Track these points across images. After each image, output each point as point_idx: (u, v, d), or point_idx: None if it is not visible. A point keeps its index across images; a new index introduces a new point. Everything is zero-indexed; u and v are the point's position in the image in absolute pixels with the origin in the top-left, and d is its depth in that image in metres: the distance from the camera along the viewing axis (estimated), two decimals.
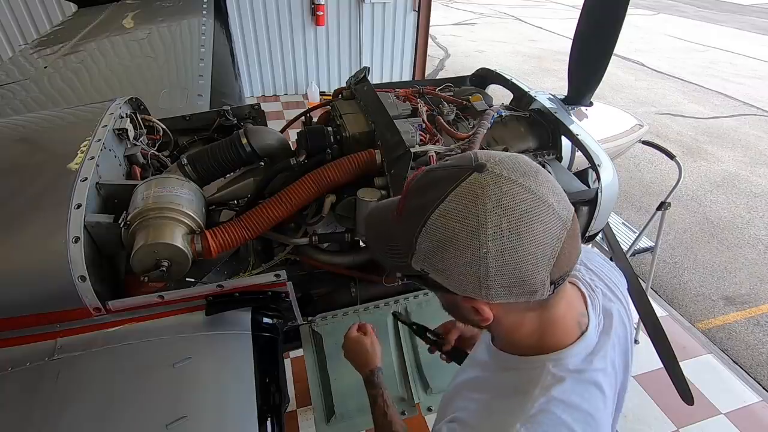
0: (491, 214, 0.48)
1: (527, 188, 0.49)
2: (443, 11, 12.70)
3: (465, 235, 0.49)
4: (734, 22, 13.05)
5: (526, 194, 0.49)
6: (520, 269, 0.49)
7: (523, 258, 0.49)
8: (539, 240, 0.49)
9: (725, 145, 5.60)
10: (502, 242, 0.48)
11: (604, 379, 0.62)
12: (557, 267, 0.51)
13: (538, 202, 0.49)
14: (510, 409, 0.59)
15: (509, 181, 0.49)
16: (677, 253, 3.74)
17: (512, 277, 0.50)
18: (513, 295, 0.52)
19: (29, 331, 1.06)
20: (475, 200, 0.49)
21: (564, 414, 0.57)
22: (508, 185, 0.49)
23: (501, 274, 0.50)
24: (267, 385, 1.06)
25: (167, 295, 1.09)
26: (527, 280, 0.50)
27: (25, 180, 1.18)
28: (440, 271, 0.53)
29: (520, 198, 0.49)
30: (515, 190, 0.49)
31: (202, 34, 2.66)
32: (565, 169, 1.60)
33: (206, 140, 1.69)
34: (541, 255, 0.49)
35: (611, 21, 1.51)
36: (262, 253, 1.43)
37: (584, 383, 0.60)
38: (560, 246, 0.50)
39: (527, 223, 0.48)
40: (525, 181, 0.50)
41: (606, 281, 0.74)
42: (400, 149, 1.23)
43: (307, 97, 6.02)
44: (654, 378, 2.59)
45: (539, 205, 0.49)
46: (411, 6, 5.89)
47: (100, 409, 0.95)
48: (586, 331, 0.63)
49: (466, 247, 0.49)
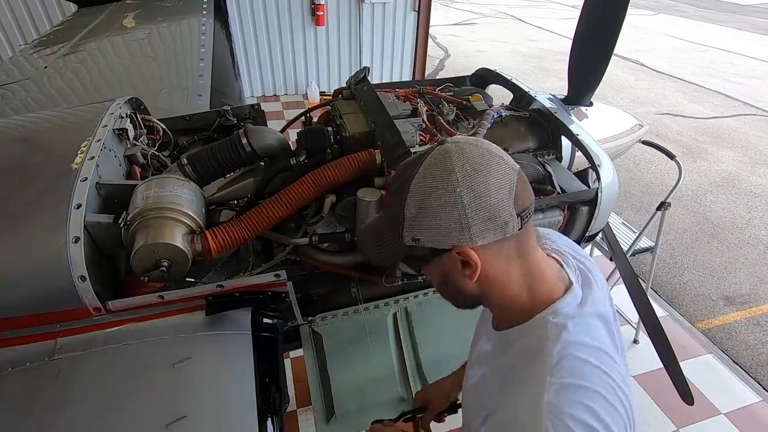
0: (457, 164, 0.60)
1: (481, 147, 0.63)
2: (443, 11, 12.70)
3: (440, 184, 0.61)
4: (734, 22, 13.05)
5: (482, 151, 0.62)
6: (489, 202, 0.60)
7: (489, 191, 0.60)
8: (498, 177, 0.61)
9: (725, 145, 5.60)
10: (470, 181, 0.60)
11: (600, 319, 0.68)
12: (518, 201, 0.62)
13: (491, 155, 0.62)
14: (533, 371, 0.63)
15: (466, 143, 0.63)
16: (677, 253, 3.74)
17: (485, 210, 0.60)
18: (491, 231, 0.61)
19: (29, 331, 1.06)
20: (443, 160, 0.61)
21: (581, 353, 0.62)
22: (466, 146, 0.63)
23: (476, 209, 0.60)
24: (267, 385, 1.07)
25: (167, 295, 1.09)
26: (497, 211, 0.60)
27: (25, 180, 1.18)
28: (428, 228, 0.62)
29: (477, 153, 0.62)
30: (472, 149, 0.62)
31: (202, 34, 2.66)
32: (565, 169, 1.60)
33: (206, 140, 1.69)
34: (502, 189, 0.60)
35: (611, 21, 1.51)
36: (262, 253, 1.43)
37: (584, 324, 0.66)
38: (515, 185, 0.62)
39: (486, 166, 0.61)
40: (479, 144, 0.64)
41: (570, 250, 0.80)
42: (400, 149, 1.23)
43: (307, 97, 6.02)
44: (654, 378, 2.59)
45: (493, 156, 0.62)
46: (411, 6, 5.89)
47: (100, 409, 0.95)
48: (571, 286, 0.70)
49: (443, 193, 0.60)
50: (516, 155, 1.49)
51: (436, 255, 0.64)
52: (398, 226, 0.64)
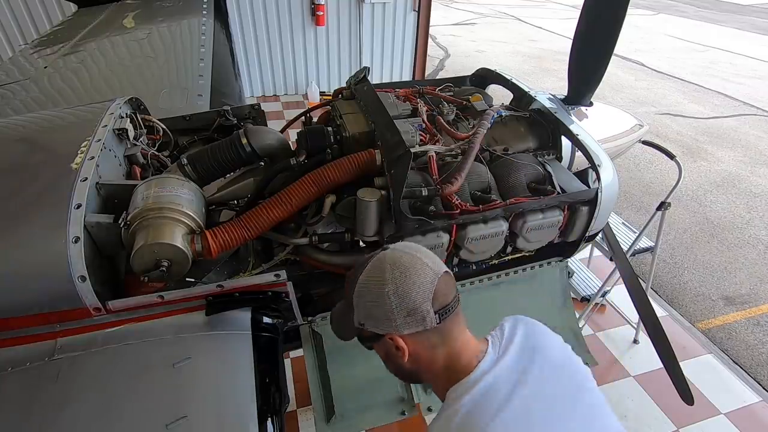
0: (388, 269, 0.77)
1: (409, 254, 0.80)
2: (443, 11, 12.70)
3: (374, 284, 0.78)
4: (734, 22, 13.05)
5: (409, 257, 0.79)
6: (411, 301, 0.76)
7: (411, 292, 0.76)
8: (419, 281, 0.76)
9: (725, 145, 5.60)
10: (395, 284, 0.76)
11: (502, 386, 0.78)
12: (436, 301, 0.77)
13: (415, 260, 0.79)
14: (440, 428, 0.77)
15: (401, 252, 0.81)
16: (677, 253, 3.74)
17: (407, 307, 0.76)
18: (412, 324, 0.77)
19: (29, 331, 1.06)
20: (380, 264, 0.79)
21: (480, 417, 0.74)
22: (400, 254, 0.80)
23: (398, 306, 0.76)
24: (267, 385, 1.07)
25: (167, 295, 1.09)
26: (417, 308, 0.76)
27: (25, 180, 1.18)
28: (367, 317, 0.79)
29: (404, 259, 0.79)
30: (401, 255, 0.80)
31: (202, 34, 2.66)
32: (565, 169, 1.60)
33: (206, 140, 1.69)
34: (422, 291, 0.76)
35: (611, 21, 1.51)
36: (262, 253, 1.43)
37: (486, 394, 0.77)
38: (435, 286, 0.77)
39: (410, 271, 0.77)
40: (413, 253, 0.80)
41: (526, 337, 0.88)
42: (400, 149, 1.23)
43: (307, 97, 6.02)
44: (654, 378, 2.59)
45: (416, 262, 0.78)
46: (411, 6, 5.89)
47: (100, 409, 0.95)
48: (481, 361, 0.81)
49: (376, 292, 0.77)
50: (516, 155, 1.49)
51: (377, 338, 0.81)
52: (351, 312, 0.82)
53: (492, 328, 0.90)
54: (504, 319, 0.92)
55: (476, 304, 1.60)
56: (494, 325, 0.90)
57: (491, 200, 1.34)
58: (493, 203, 1.32)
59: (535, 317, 0.93)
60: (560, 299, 1.72)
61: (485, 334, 0.88)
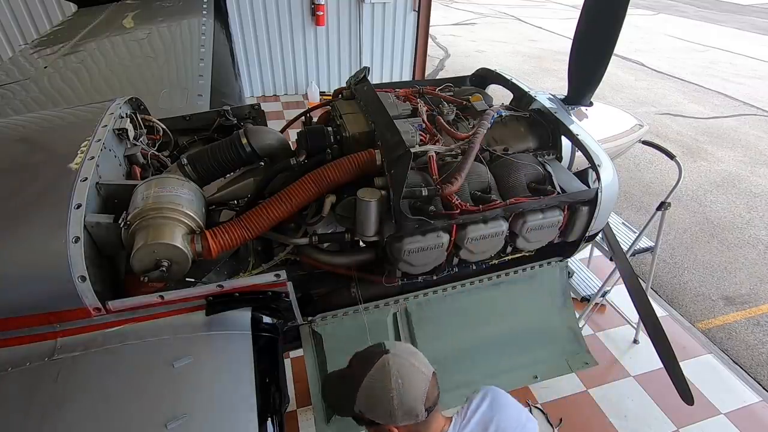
0: (392, 378, 0.94)
1: (409, 362, 0.98)
2: (443, 11, 12.71)
3: (380, 388, 0.95)
4: (734, 22, 13.06)
5: (408, 366, 0.97)
6: (409, 404, 0.94)
7: (410, 398, 0.94)
8: (417, 388, 0.95)
9: (725, 145, 5.60)
10: (399, 391, 0.93)
11: None
12: (427, 401, 0.96)
13: (414, 370, 0.97)
14: None
15: (398, 358, 0.98)
16: (677, 253, 3.74)
17: (405, 409, 0.94)
18: (408, 418, 0.94)
19: (29, 331, 1.06)
20: (384, 370, 0.96)
21: None
22: (399, 361, 0.97)
23: (399, 406, 0.94)
24: (267, 385, 1.07)
25: (167, 295, 1.09)
26: (413, 409, 0.94)
27: (25, 180, 1.18)
28: (368, 410, 0.96)
29: (405, 369, 0.96)
30: (402, 364, 0.97)
31: (202, 34, 2.66)
32: (565, 169, 1.60)
33: (206, 140, 1.69)
34: (419, 396, 0.95)
35: (611, 21, 1.50)
36: (262, 253, 1.43)
37: None
38: (427, 389, 0.96)
39: (411, 380, 0.95)
40: (407, 357, 0.99)
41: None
42: (400, 149, 1.23)
43: (307, 97, 6.02)
44: (654, 378, 2.59)
45: (415, 371, 0.97)
46: (411, 6, 5.90)
47: (99, 408, 0.95)
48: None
49: (380, 395, 0.94)
50: (516, 155, 1.49)
51: (375, 425, 0.98)
52: (352, 402, 0.97)
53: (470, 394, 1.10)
54: (480, 388, 1.11)
55: (476, 304, 1.60)
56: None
57: (491, 200, 1.33)
58: (493, 203, 1.32)
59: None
60: (560, 299, 1.71)
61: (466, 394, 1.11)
